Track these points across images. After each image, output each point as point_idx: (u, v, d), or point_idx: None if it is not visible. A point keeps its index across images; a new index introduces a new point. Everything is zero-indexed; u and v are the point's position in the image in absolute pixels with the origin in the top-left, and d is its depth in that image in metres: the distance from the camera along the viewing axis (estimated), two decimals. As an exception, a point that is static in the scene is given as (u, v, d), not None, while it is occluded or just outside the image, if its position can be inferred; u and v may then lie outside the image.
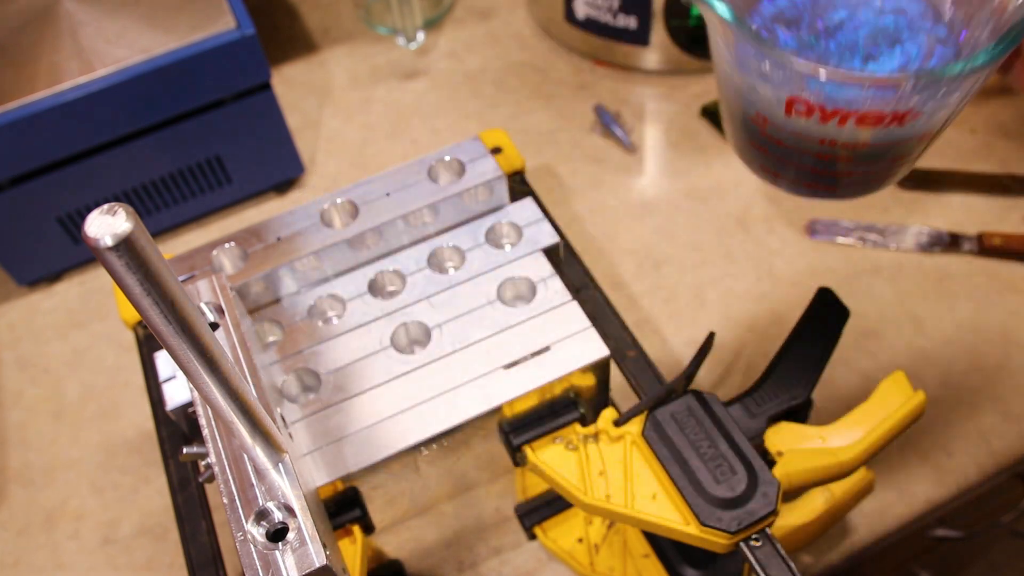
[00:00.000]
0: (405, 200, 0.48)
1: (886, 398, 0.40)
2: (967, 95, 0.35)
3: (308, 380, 0.43)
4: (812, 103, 0.35)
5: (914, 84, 0.33)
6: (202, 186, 0.69)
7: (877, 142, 0.37)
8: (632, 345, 0.45)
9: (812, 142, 0.37)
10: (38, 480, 0.59)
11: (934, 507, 0.53)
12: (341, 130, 0.77)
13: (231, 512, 0.34)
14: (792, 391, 0.41)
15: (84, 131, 0.60)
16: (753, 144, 0.41)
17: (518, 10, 0.85)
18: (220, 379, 0.30)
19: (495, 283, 0.45)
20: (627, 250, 0.66)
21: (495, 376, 0.42)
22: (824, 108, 0.35)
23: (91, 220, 0.23)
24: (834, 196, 0.42)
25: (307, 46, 0.85)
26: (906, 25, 0.38)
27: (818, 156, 0.38)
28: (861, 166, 0.39)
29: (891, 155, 0.38)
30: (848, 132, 0.36)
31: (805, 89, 0.34)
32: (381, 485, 0.42)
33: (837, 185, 0.41)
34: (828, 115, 0.35)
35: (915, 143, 0.37)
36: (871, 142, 0.36)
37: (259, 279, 0.46)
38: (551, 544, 0.51)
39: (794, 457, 0.39)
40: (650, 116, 0.75)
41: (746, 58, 0.36)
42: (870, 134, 0.36)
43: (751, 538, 0.37)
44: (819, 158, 0.38)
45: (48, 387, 0.64)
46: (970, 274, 0.62)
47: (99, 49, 0.60)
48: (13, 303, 0.69)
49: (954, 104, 0.36)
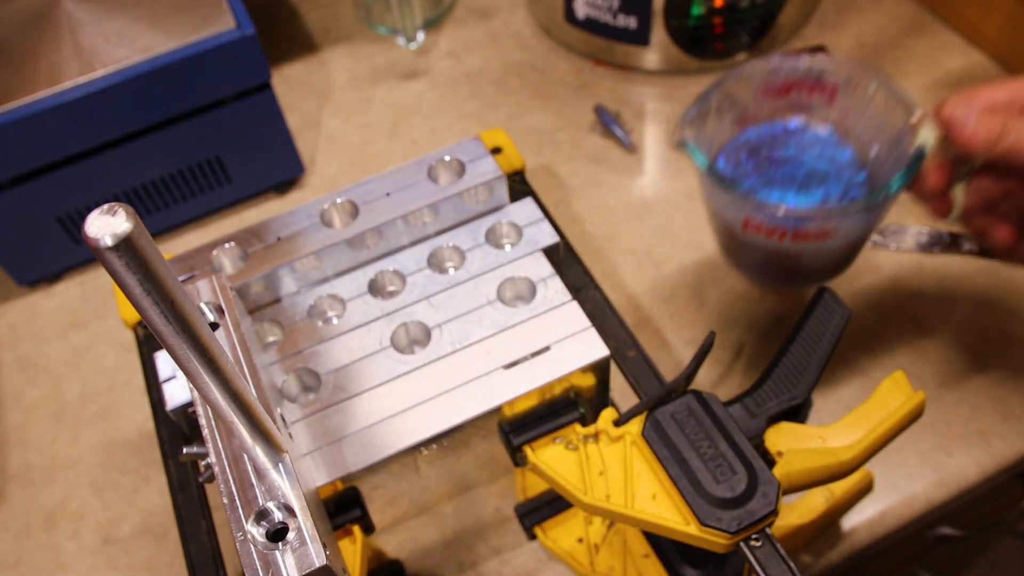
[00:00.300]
0: (405, 200, 0.48)
1: (886, 398, 0.40)
2: (875, 219, 0.49)
3: (308, 380, 0.43)
4: (760, 225, 0.47)
5: (829, 214, 0.46)
6: (202, 186, 0.69)
7: (811, 251, 0.49)
8: (632, 345, 0.45)
9: (764, 250, 0.50)
10: (38, 480, 0.59)
11: (934, 507, 0.53)
12: (341, 130, 0.77)
13: (231, 512, 0.34)
14: (792, 391, 0.41)
15: (84, 131, 0.60)
16: (727, 245, 0.54)
17: (518, 10, 0.85)
18: (220, 379, 0.30)
19: (495, 283, 0.45)
20: (627, 250, 0.66)
21: (495, 376, 0.42)
22: (769, 228, 0.47)
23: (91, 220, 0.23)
24: (787, 287, 0.56)
25: (307, 46, 0.85)
26: (835, 171, 0.52)
27: (770, 259, 0.51)
28: (802, 267, 0.52)
29: (824, 260, 0.51)
30: (788, 244, 0.48)
31: (755, 215, 0.47)
32: (381, 485, 0.42)
33: (788, 280, 0.55)
34: (771, 232, 0.48)
35: (840, 251, 0.51)
36: (806, 251, 0.49)
37: (259, 279, 0.46)
38: (551, 544, 0.51)
39: (794, 457, 0.39)
40: (650, 116, 0.75)
41: (716, 191, 0.48)
42: (804, 246, 0.48)
43: (751, 538, 0.37)
44: (771, 260, 0.51)
45: (48, 387, 0.64)
46: (970, 274, 0.62)
47: (99, 49, 0.60)
48: (13, 303, 0.69)
49: (865, 224, 0.48)
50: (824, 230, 0.47)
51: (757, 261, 0.53)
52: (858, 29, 0.79)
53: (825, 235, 0.47)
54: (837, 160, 0.52)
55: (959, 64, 0.76)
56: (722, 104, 0.51)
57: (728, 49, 0.75)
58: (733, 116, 0.53)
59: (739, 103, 0.52)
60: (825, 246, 0.49)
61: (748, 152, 0.53)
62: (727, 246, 0.54)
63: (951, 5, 0.78)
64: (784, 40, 0.78)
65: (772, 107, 0.53)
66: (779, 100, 0.53)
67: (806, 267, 0.52)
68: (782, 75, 0.51)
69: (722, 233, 0.53)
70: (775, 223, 0.47)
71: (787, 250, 0.49)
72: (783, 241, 0.48)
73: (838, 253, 0.51)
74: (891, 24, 0.79)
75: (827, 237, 0.48)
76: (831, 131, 0.53)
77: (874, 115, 0.50)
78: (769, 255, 0.51)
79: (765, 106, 0.53)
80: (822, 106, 0.52)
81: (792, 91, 0.52)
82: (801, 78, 0.51)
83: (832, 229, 0.47)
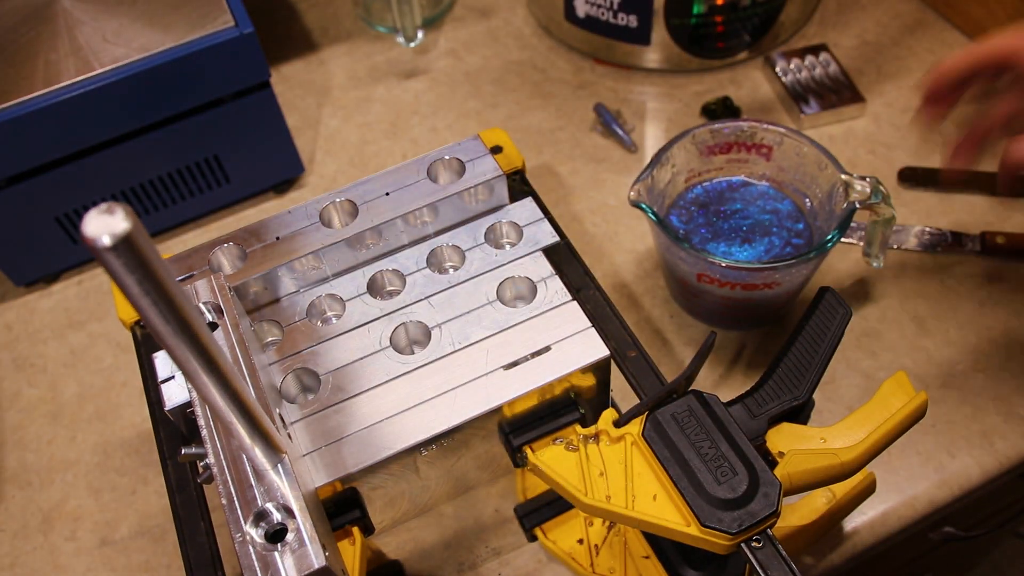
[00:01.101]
0: (404, 199, 0.47)
1: (888, 399, 0.40)
2: (814, 269, 0.55)
3: (307, 380, 0.43)
4: (712, 277, 0.54)
5: (773, 268, 0.51)
6: (200, 186, 0.69)
7: (757, 299, 0.55)
8: (632, 345, 0.45)
9: (716, 298, 0.56)
10: (35, 481, 0.59)
11: (936, 508, 0.53)
12: (340, 129, 0.77)
13: (230, 513, 0.34)
14: (793, 391, 0.41)
15: (82, 130, 0.60)
16: (682, 294, 0.61)
17: (518, 8, 0.85)
18: (219, 379, 0.30)
19: (495, 283, 0.45)
20: (627, 250, 0.66)
21: (495, 376, 0.41)
22: (720, 280, 0.54)
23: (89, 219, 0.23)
24: (738, 329, 0.60)
25: (306, 45, 0.84)
26: (776, 222, 0.58)
27: (722, 306, 0.57)
28: (751, 313, 0.58)
29: (769, 306, 0.58)
30: (737, 293, 0.54)
31: (707, 269, 0.53)
32: (380, 486, 0.41)
33: (739, 323, 0.60)
34: (723, 284, 0.54)
35: (785, 298, 0.57)
36: (754, 299, 0.55)
37: (258, 279, 0.45)
38: (551, 545, 0.51)
39: (795, 458, 0.39)
40: (651, 115, 0.75)
41: (671, 245, 0.53)
42: (751, 294, 0.55)
43: (752, 539, 0.36)
44: (723, 307, 0.57)
45: (46, 387, 0.64)
46: (973, 274, 0.62)
47: (97, 47, 0.60)
48: (11, 303, 0.69)
49: (807, 273, 0.55)
50: (770, 282, 0.53)
51: (709, 308, 0.59)
52: (860, 27, 0.79)
53: (772, 285, 0.54)
54: (779, 211, 0.59)
55: (960, 63, 0.76)
56: (673, 162, 0.57)
57: (729, 48, 0.75)
58: (683, 174, 0.59)
59: (687, 162, 0.58)
60: (772, 293, 0.55)
61: (697, 207, 0.60)
62: (681, 294, 0.61)
63: (954, 3, 0.78)
64: (785, 39, 0.78)
65: (716, 164, 0.60)
66: (721, 157, 0.59)
67: (754, 311, 0.58)
68: (722, 136, 0.58)
69: (677, 282, 0.59)
70: (727, 274, 0.53)
71: (736, 298, 0.55)
72: (734, 291, 0.54)
73: (784, 298, 0.57)
74: (893, 22, 0.79)
75: (774, 286, 0.54)
76: (768, 186, 0.60)
77: (806, 172, 0.57)
78: (720, 302, 0.56)
79: (711, 163, 0.60)
80: (761, 163, 0.59)
81: (732, 149, 0.59)
82: (742, 139, 0.58)
83: (778, 280, 0.53)
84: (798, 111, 0.72)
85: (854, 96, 0.73)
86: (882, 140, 0.71)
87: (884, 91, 0.74)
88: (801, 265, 0.51)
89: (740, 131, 0.57)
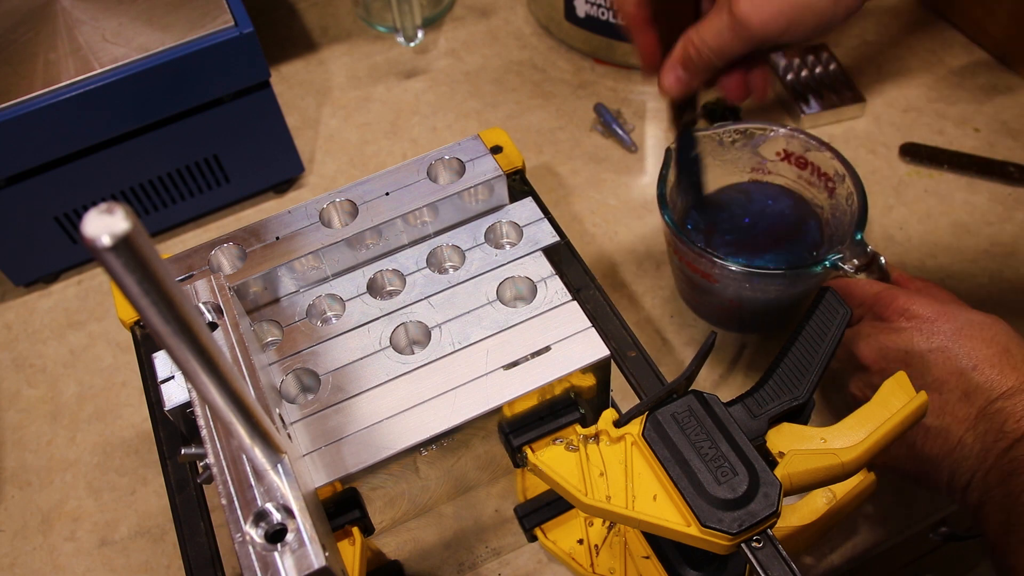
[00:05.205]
0: (404, 199, 0.47)
1: (888, 399, 0.40)
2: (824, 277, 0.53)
3: (307, 380, 0.43)
4: (720, 280, 0.54)
5: (783, 275, 0.51)
6: (200, 185, 0.69)
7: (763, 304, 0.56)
8: (633, 345, 0.45)
9: (722, 298, 0.56)
10: (35, 481, 0.59)
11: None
12: (340, 129, 0.77)
13: (229, 513, 0.34)
14: (794, 392, 0.41)
15: (81, 130, 0.60)
16: (690, 292, 0.61)
17: (518, 8, 0.85)
18: (218, 379, 0.29)
19: (495, 283, 0.45)
20: (628, 250, 0.66)
21: (495, 376, 0.41)
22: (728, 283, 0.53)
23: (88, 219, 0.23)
24: (739, 331, 0.61)
25: (306, 45, 0.84)
26: (794, 229, 0.58)
27: (728, 306, 0.57)
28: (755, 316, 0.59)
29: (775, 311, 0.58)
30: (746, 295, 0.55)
31: (715, 272, 0.53)
32: (380, 486, 0.41)
33: (740, 326, 0.61)
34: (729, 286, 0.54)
35: (791, 304, 0.57)
36: (759, 304, 0.56)
37: (258, 279, 0.45)
38: (551, 545, 0.51)
39: (796, 458, 0.39)
40: (651, 115, 0.75)
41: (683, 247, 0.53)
42: (757, 300, 0.55)
43: (752, 539, 0.36)
44: (728, 307, 0.58)
45: (45, 388, 0.64)
46: (974, 274, 0.62)
47: (96, 47, 0.60)
48: (10, 303, 0.69)
49: (813, 284, 0.54)
50: (776, 287, 0.53)
51: (714, 309, 0.60)
52: (860, 27, 0.79)
53: (777, 291, 0.54)
54: (796, 217, 0.59)
55: (962, 62, 0.76)
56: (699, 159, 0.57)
57: (729, 48, 0.75)
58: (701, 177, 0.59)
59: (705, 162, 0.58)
60: (776, 300, 0.55)
61: (714, 210, 0.59)
62: (691, 291, 0.60)
63: (954, 3, 0.78)
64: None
65: (732, 170, 0.60)
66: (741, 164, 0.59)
67: (759, 316, 0.58)
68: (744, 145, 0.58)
69: (685, 282, 0.60)
70: (734, 279, 0.53)
71: (741, 301, 0.56)
72: (740, 295, 0.55)
73: (788, 305, 0.57)
74: (893, 22, 0.79)
75: (779, 293, 0.54)
76: (786, 192, 0.59)
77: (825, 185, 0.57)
78: (727, 304, 0.57)
79: (725, 168, 0.60)
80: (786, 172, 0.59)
81: (808, 167, 0.58)
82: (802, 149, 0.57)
83: (783, 288, 0.53)
84: (798, 111, 0.72)
85: (854, 96, 0.73)
86: (882, 140, 0.71)
87: (884, 91, 0.74)
88: (812, 276, 0.51)
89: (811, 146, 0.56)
